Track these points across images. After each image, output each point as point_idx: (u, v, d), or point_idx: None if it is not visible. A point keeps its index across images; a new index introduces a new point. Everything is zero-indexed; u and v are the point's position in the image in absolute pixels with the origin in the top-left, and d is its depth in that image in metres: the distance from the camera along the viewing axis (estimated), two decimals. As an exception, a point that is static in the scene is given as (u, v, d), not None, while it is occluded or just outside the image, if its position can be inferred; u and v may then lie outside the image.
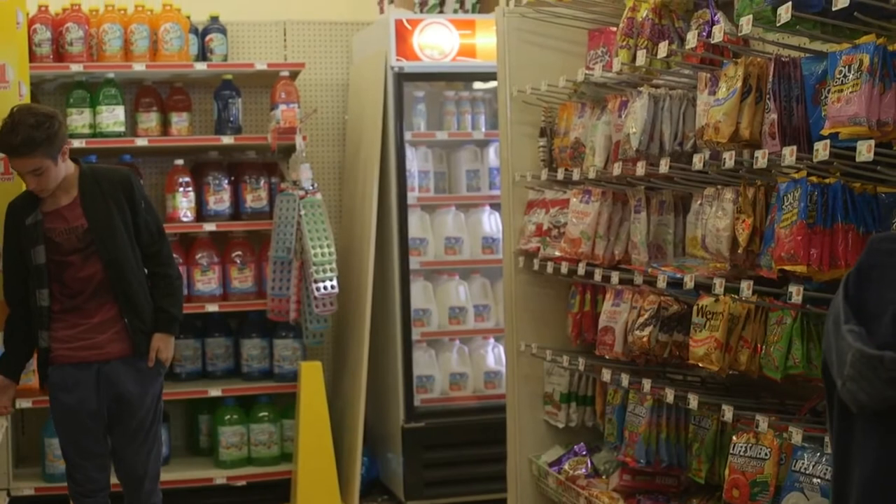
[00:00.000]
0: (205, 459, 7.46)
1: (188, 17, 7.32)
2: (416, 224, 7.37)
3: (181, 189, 7.22)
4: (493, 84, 6.44)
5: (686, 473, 4.95)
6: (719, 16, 4.57)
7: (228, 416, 7.32)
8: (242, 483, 7.26)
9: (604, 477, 5.48)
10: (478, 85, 7.59)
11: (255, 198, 7.38)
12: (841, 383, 2.10)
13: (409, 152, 7.36)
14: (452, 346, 7.54)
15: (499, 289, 7.02)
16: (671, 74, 4.99)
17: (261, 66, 7.33)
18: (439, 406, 7.40)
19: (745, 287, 4.09)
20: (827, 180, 3.79)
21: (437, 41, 7.30)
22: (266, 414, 7.40)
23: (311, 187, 7.09)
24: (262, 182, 7.41)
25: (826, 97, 3.74)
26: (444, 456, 7.28)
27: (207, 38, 7.45)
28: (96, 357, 5.21)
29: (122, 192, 5.22)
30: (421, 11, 8.24)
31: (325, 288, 6.90)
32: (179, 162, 7.30)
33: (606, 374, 5.21)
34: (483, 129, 7.54)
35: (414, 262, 7.33)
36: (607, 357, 5.21)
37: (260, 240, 7.47)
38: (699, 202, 4.58)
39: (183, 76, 7.37)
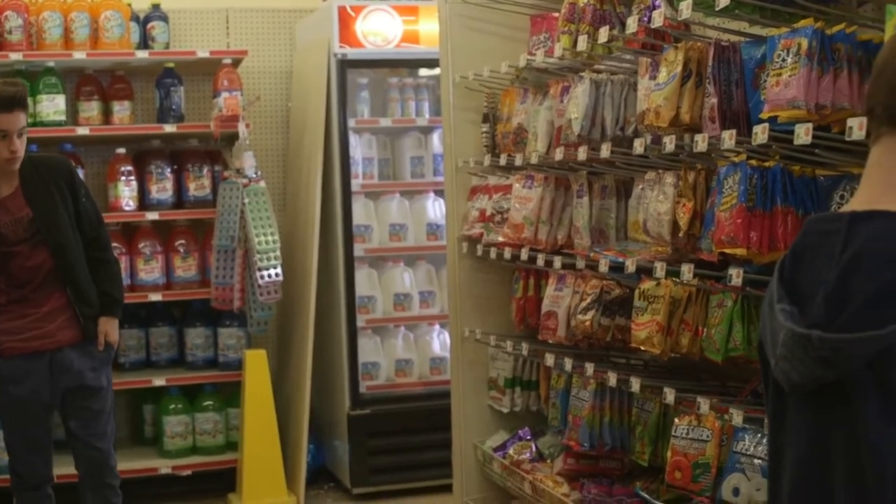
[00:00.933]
0: (149, 449, 7.41)
1: (129, 5, 7.25)
2: (361, 211, 7.35)
3: (123, 178, 7.16)
4: (437, 70, 6.44)
5: (629, 456, 4.99)
6: (661, 0, 4.58)
7: (173, 406, 7.28)
8: (188, 473, 7.21)
9: (548, 461, 5.50)
10: (422, 71, 7.59)
11: (198, 186, 7.33)
12: (774, 363, 2.11)
13: (353, 139, 7.35)
14: (398, 332, 7.54)
15: (444, 275, 7.03)
16: (613, 60, 5.01)
17: (203, 53, 7.28)
18: (385, 393, 7.40)
19: (686, 270, 4.11)
20: (766, 164, 3.82)
21: (381, 28, 7.28)
22: (211, 403, 7.36)
23: (254, 175, 7.05)
24: (205, 170, 7.37)
25: (765, 81, 3.77)
26: (390, 442, 7.28)
27: (149, 25, 7.39)
28: (48, 346, 5.19)
29: (63, 180, 5.20)
30: (363, -2, 8.21)
31: (269, 276, 6.87)
32: (121, 151, 7.23)
33: (550, 359, 5.23)
34: (427, 116, 7.53)
35: (358, 250, 7.32)
36: (550, 341, 5.23)
37: (203, 228, 7.42)
38: (641, 186, 4.60)
39: (124, 64, 7.31)
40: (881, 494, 1.96)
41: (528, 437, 5.71)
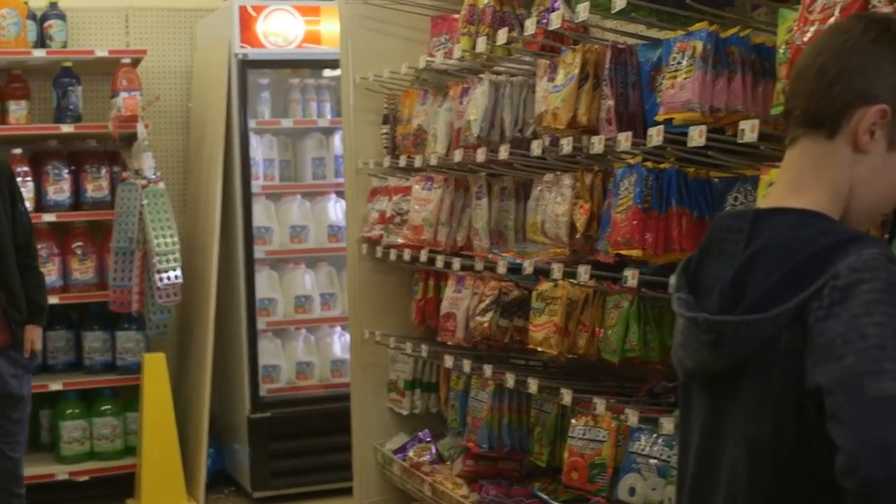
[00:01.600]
0: (46, 455, 7.28)
1: (26, 3, 7.13)
2: (261, 212, 7.31)
3: (19, 179, 6.97)
4: (338, 71, 6.42)
5: (528, 457, 5.01)
6: (560, 3, 4.59)
7: (70, 411, 7.17)
8: (85, 478, 7.11)
9: (448, 463, 5.50)
10: (325, 72, 7.55)
11: (96, 187, 7.23)
12: (673, 351, 2.16)
13: (254, 140, 7.30)
14: (299, 335, 7.50)
15: (345, 277, 6.97)
16: (512, 61, 5.02)
17: (101, 52, 7.18)
18: (286, 396, 7.35)
19: (583, 272, 4.13)
20: (662, 165, 3.85)
21: (282, 28, 7.24)
22: (109, 407, 7.26)
23: (153, 176, 6.97)
24: (103, 171, 7.27)
25: (661, 84, 3.79)
26: (291, 445, 7.24)
27: (46, 24, 7.27)
28: None
29: (5, 183, 5.12)
30: (265, -2, 8.15)
31: (168, 278, 6.79)
32: (17, 151, 7.09)
33: (449, 361, 5.22)
34: (329, 117, 7.50)
35: (259, 251, 7.27)
36: (450, 343, 5.22)
37: (101, 230, 7.32)
38: (539, 188, 4.60)
39: (21, 63, 7.18)
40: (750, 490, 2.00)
41: (428, 439, 5.70)
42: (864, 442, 1.79)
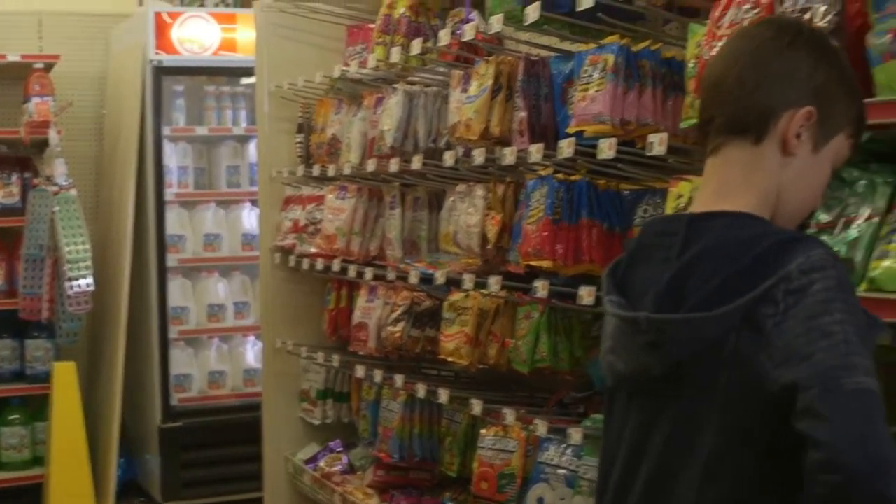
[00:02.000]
0: (-49, 465, 7.18)
1: (-63, 7, 7.05)
2: (175, 220, 7.25)
3: (-71, 183, 6.94)
4: (254, 79, 6.38)
5: (439, 467, 5.00)
6: (474, 14, 4.60)
7: (-23, 420, 7.07)
8: (-9, 488, 7.01)
9: (359, 473, 5.49)
10: (241, 80, 7.51)
11: (6, 194, 7.14)
12: (602, 356, 2.13)
13: (168, 147, 7.24)
14: (211, 343, 7.45)
15: (259, 286, 6.96)
16: (427, 72, 5.02)
17: (13, 57, 7.07)
18: (198, 405, 7.30)
19: (494, 282, 4.14)
20: (573, 177, 3.86)
21: (197, 35, 7.20)
22: (17, 417, 7.15)
23: (65, 183, 6.88)
24: (14, 177, 7.17)
25: (573, 96, 3.81)
26: (203, 455, 7.18)
27: (-43, 28, 7.19)
28: None
29: None
30: (181, 4, 8.09)
31: (79, 286, 6.71)
32: (-73, 156, 7.01)
33: (360, 371, 5.21)
34: (244, 125, 7.46)
35: (172, 260, 7.22)
36: (361, 353, 5.22)
37: (12, 237, 7.21)
38: (452, 199, 4.62)
39: (-70, 67, 7.09)
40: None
41: (340, 450, 5.69)
42: (845, 435, 1.77)
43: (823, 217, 2.92)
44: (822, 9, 2.81)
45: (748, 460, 1.93)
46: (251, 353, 7.47)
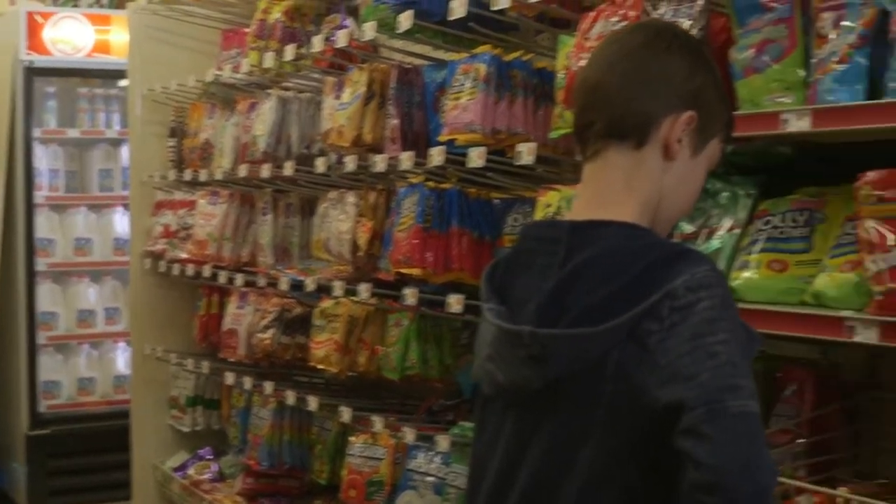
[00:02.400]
0: None
1: None
2: (45, 224, 7.12)
3: None
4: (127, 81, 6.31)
5: (309, 475, 4.99)
6: (349, 21, 4.60)
7: None
8: None
9: (229, 481, 5.44)
10: (118, 83, 7.41)
11: None
12: (479, 363, 2.09)
13: (39, 150, 7.11)
14: (81, 349, 7.33)
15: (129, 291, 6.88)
16: (301, 78, 5.01)
17: None
18: (67, 412, 7.17)
19: (364, 289, 4.13)
20: (443, 186, 3.87)
21: (70, 36, 7.10)
22: None
23: (-70, 183, 6.75)
24: None
25: (445, 104, 3.82)
26: (71, 463, 7.06)
27: None
28: None
29: None
30: (54, 4, 7.97)
31: (-56, 289, 6.57)
32: None
33: (230, 377, 5.17)
34: (117, 128, 7.36)
35: (41, 264, 7.09)
36: (231, 360, 5.18)
37: None
38: (324, 205, 4.60)
39: None
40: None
41: (210, 457, 5.64)
42: (729, 457, 1.77)
43: (687, 228, 2.96)
44: (688, 23, 2.86)
45: (631, 475, 1.92)
46: (122, 359, 7.35)
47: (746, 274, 2.72)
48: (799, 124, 2.55)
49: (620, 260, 1.96)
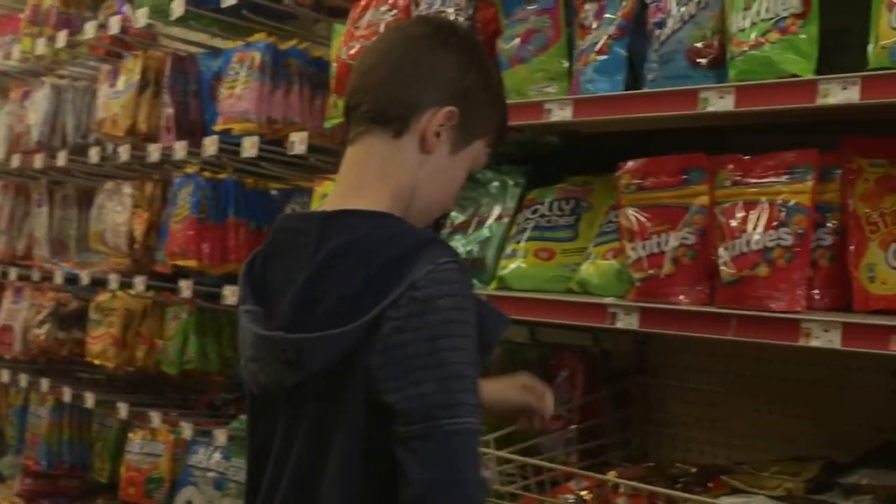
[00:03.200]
0: None
1: None
2: None
3: None
4: None
5: (90, 474, 4.87)
6: (126, 7, 4.49)
7: None
8: None
9: (8, 482, 5.28)
10: None
11: None
12: (243, 363, 2.07)
13: None
14: None
15: None
16: (79, 66, 4.88)
17: None
18: None
19: (139, 282, 4.05)
20: (219, 176, 3.82)
21: None
22: None
23: None
24: None
25: (221, 93, 3.76)
26: None
27: None
28: None
29: None
30: None
31: None
32: None
33: (6, 375, 5.03)
34: None
35: None
36: (7, 357, 5.04)
37: None
38: (101, 197, 4.50)
39: None
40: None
41: (-12, 459, 5.48)
42: (437, 475, 1.80)
43: (459, 217, 2.97)
44: (453, 11, 2.86)
45: (378, 462, 1.91)
46: None
47: (514, 264, 2.74)
48: (561, 114, 2.57)
49: (368, 249, 1.95)
